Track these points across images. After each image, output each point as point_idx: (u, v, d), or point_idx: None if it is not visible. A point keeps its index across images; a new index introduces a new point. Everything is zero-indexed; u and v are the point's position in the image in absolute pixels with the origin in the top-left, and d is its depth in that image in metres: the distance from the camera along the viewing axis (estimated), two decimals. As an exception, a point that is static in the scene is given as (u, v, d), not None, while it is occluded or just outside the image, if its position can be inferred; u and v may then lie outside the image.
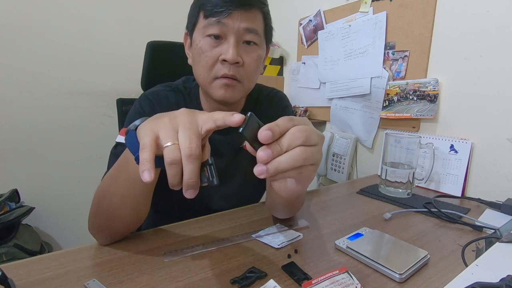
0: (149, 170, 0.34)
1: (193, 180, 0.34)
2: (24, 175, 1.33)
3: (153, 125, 0.37)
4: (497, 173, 0.84)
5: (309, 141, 0.34)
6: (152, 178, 0.33)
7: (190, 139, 0.34)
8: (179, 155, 0.33)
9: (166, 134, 0.35)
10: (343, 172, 1.25)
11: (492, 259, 0.38)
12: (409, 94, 1.02)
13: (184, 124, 0.36)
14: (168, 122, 0.36)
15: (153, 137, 0.35)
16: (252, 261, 0.49)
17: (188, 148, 0.34)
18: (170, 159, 0.33)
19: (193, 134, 0.35)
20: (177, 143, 0.34)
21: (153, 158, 0.34)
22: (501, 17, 0.81)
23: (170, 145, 0.34)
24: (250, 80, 0.62)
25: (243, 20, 0.56)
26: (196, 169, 0.34)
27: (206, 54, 0.57)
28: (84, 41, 1.39)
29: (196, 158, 0.34)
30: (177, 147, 0.34)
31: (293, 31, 1.50)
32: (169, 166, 0.34)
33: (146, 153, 0.34)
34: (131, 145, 0.43)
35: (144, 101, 0.66)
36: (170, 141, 0.34)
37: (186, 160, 0.33)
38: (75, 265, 0.47)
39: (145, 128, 0.37)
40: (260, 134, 0.32)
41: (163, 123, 0.36)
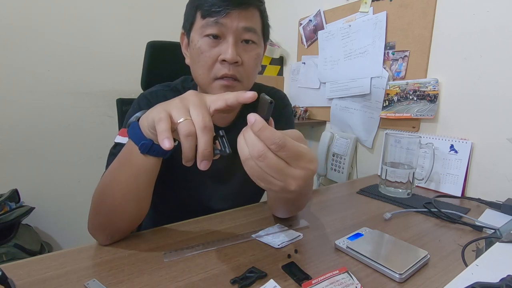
0: (169, 138, 0.37)
1: (208, 150, 0.37)
2: (24, 175, 1.33)
3: (164, 106, 0.40)
4: (497, 173, 0.84)
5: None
6: (172, 145, 0.36)
7: (203, 114, 0.38)
8: (193, 128, 0.37)
9: (178, 112, 0.38)
10: (343, 172, 1.25)
11: (492, 259, 0.38)
12: (409, 94, 1.02)
13: (195, 103, 0.39)
14: (179, 102, 0.40)
15: (167, 113, 0.38)
16: (252, 261, 0.49)
17: (202, 121, 0.37)
18: (186, 132, 0.36)
19: (204, 110, 0.38)
20: (189, 119, 0.37)
21: (170, 128, 0.37)
22: (501, 17, 0.81)
23: (183, 120, 0.37)
24: (249, 79, 0.62)
25: (241, 19, 0.56)
26: (210, 139, 0.37)
27: (205, 54, 0.57)
28: (84, 41, 1.39)
29: (210, 130, 0.37)
30: (190, 122, 0.37)
31: (293, 31, 1.50)
32: (185, 138, 0.36)
33: (163, 124, 0.37)
34: (134, 135, 0.45)
35: (143, 101, 0.66)
36: (183, 117, 0.37)
37: (201, 132, 0.36)
38: (75, 265, 0.47)
39: (158, 109, 0.40)
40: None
41: (174, 103, 0.40)
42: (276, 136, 0.34)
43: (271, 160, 0.34)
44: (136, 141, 0.45)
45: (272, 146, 0.34)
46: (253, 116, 0.35)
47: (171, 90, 0.69)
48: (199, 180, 0.68)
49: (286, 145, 0.34)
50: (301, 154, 0.35)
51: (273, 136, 0.34)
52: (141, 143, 0.44)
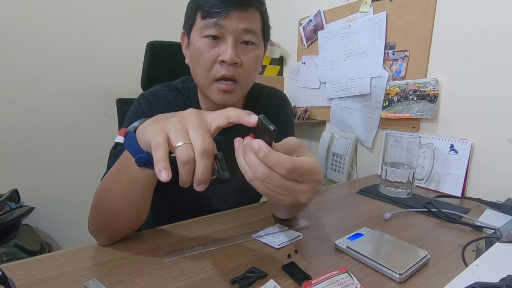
0: (166, 169, 0.34)
1: (206, 176, 0.35)
2: (24, 175, 1.33)
3: (162, 125, 0.37)
4: (497, 173, 0.84)
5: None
6: (170, 177, 0.34)
7: (203, 136, 0.35)
8: (192, 154, 0.34)
9: (176, 134, 0.35)
10: (343, 172, 1.25)
11: (492, 259, 0.38)
12: (409, 94, 1.02)
13: (194, 123, 0.36)
14: (178, 122, 0.37)
15: (165, 136, 0.36)
16: (252, 261, 0.49)
17: (201, 144, 0.34)
18: (184, 158, 0.34)
19: (204, 132, 0.36)
20: (188, 142, 0.35)
21: (167, 156, 0.35)
22: (501, 17, 0.81)
23: (182, 145, 0.34)
24: (248, 80, 0.62)
25: (241, 20, 0.55)
26: (209, 165, 0.35)
27: (204, 55, 0.57)
28: (84, 41, 1.39)
29: (210, 154, 0.35)
30: (189, 146, 0.34)
31: (293, 31, 1.50)
32: (183, 165, 0.34)
33: (161, 151, 0.35)
34: (130, 147, 0.43)
35: (143, 101, 0.66)
36: (182, 140, 0.35)
37: (200, 157, 0.34)
38: (75, 265, 0.47)
39: (155, 128, 0.37)
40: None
41: (172, 124, 0.37)
42: (284, 161, 0.32)
43: (277, 180, 0.33)
44: (133, 153, 0.43)
45: (281, 172, 0.33)
46: (256, 143, 0.33)
47: (171, 90, 0.69)
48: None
49: (295, 167, 0.33)
50: (309, 170, 0.35)
51: (281, 161, 0.32)
52: (138, 156, 0.42)
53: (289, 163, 0.32)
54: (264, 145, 0.33)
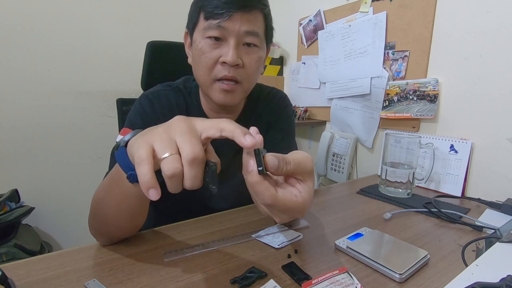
0: (154, 187, 0.31)
1: (196, 185, 0.32)
2: (24, 175, 1.33)
3: (146, 137, 0.34)
4: (497, 173, 0.84)
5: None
6: (159, 194, 0.31)
7: (191, 142, 0.32)
8: (179, 166, 0.31)
9: (162, 145, 0.32)
10: (343, 172, 1.25)
11: (492, 259, 0.38)
12: (409, 94, 1.02)
13: (182, 130, 0.33)
14: (163, 131, 0.33)
15: (149, 148, 0.32)
16: (252, 261, 0.49)
17: (190, 151, 0.31)
18: (170, 172, 0.30)
19: (193, 137, 0.32)
20: (175, 153, 0.31)
21: (153, 172, 0.31)
22: (501, 17, 0.81)
23: (168, 156, 0.31)
24: (250, 81, 0.62)
25: (243, 22, 0.55)
26: (199, 174, 0.32)
27: (206, 55, 0.57)
28: (84, 41, 1.39)
29: (200, 162, 0.32)
30: (176, 158, 0.31)
31: (293, 31, 1.50)
32: (169, 179, 0.31)
33: (145, 167, 0.31)
34: (121, 162, 0.40)
35: (144, 101, 0.66)
36: (168, 151, 0.31)
37: (189, 166, 0.31)
38: (75, 265, 0.47)
39: (138, 140, 0.34)
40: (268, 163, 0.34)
41: (157, 133, 0.34)
42: (265, 196, 0.34)
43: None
44: (124, 169, 0.40)
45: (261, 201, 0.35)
46: (252, 166, 0.34)
47: (172, 90, 0.69)
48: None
49: (275, 204, 0.35)
50: (290, 209, 0.36)
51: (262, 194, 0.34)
52: (129, 174, 0.39)
53: (270, 200, 0.34)
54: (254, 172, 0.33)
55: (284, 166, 0.35)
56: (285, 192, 0.36)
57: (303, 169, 0.37)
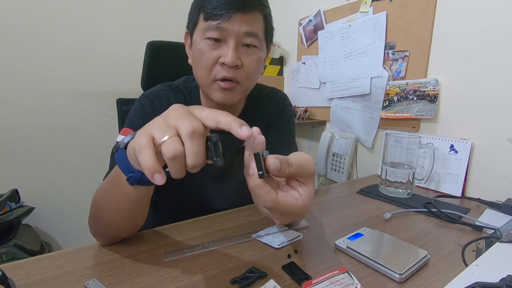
0: (159, 171, 0.31)
1: (199, 162, 0.32)
2: (24, 175, 1.33)
3: (145, 128, 0.35)
4: (497, 173, 0.84)
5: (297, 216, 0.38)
6: (165, 179, 0.31)
7: (189, 119, 0.32)
8: (179, 147, 0.31)
9: (160, 131, 0.32)
10: (343, 172, 1.25)
11: (492, 259, 0.38)
12: (409, 94, 1.02)
13: (179, 113, 0.33)
14: (161, 120, 0.34)
15: (148, 136, 0.32)
16: (252, 261, 0.49)
17: (189, 124, 0.31)
18: (171, 153, 0.30)
19: (191, 116, 0.33)
20: (174, 135, 0.31)
21: (155, 157, 0.31)
22: (501, 17, 0.81)
23: (167, 139, 0.31)
24: (249, 82, 0.62)
25: (243, 23, 0.55)
26: (201, 147, 0.32)
27: (205, 56, 0.57)
28: (84, 41, 1.39)
29: (200, 135, 0.31)
30: (176, 139, 0.31)
31: (293, 31, 1.50)
32: (171, 161, 0.31)
33: (146, 152, 0.31)
34: (121, 164, 0.40)
35: (145, 101, 0.66)
36: (167, 134, 0.31)
37: (190, 139, 0.31)
38: (75, 265, 0.47)
39: (138, 134, 0.35)
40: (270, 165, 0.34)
41: (155, 122, 0.34)
42: (266, 199, 0.34)
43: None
44: (124, 171, 0.40)
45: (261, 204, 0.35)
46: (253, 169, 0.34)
47: (173, 90, 0.69)
48: (199, 180, 0.68)
49: (275, 208, 0.35)
50: (291, 212, 0.36)
51: (263, 198, 0.34)
52: (129, 176, 0.39)
53: (270, 203, 0.34)
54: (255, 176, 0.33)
55: (287, 168, 0.35)
56: (286, 196, 0.36)
57: (305, 172, 0.37)
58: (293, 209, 0.36)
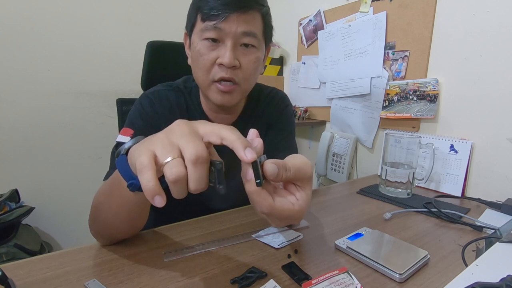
0: (159, 193, 0.30)
1: (201, 187, 0.31)
2: (24, 175, 1.33)
3: (147, 143, 0.34)
4: (497, 173, 0.84)
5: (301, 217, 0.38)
6: (165, 201, 0.31)
7: (194, 142, 0.31)
8: (183, 170, 0.30)
9: (163, 150, 0.31)
10: (343, 172, 1.25)
11: (492, 259, 0.38)
12: (409, 94, 1.02)
13: (183, 132, 0.32)
14: (164, 136, 0.33)
15: (150, 154, 0.31)
16: (252, 261, 0.49)
17: (193, 151, 0.30)
18: (174, 176, 0.30)
19: (196, 138, 0.32)
20: (177, 157, 0.31)
21: (156, 178, 0.31)
22: (501, 17, 0.81)
23: (170, 160, 0.30)
24: (248, 82, 0.62)
25: (240, 23, 0.55)
26: (204, 174, 0.31)
27: (203, 57, 0.57)
28: (84, 41, 1.39)
29: (203, 162, 0.31)
30: (179, 161, 0.30)
31: (293, 31, 1.50)
32: (173, 184, 0.30)
33: (147, 173, 0.30)
34: (122, 170, 0.40)
35: (145, 101, 0.66)
36: (170, 155, 0.31)
37: (193, 166, 0.30)
38: (75, 265, 0.47)
39: (139, 148, 0.34)
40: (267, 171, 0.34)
41: (158, 139, 0.33)
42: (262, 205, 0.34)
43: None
44: (125, 178, 0.39)
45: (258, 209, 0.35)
46: (250, 175, 0.33)
47: (173, 90, 0.69)
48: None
49: (271, 213, 0.35)
50: (287, 217, 0.36)
51: (260, 204, 0.34)
52: (130, 183, 0.38)
53: (267, 209, 0.34)
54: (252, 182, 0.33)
55: (284, 173, 0.35)
56: (283, 201, 0.36)
57: (303, 176, 0.37)
58: (289, 214, 0.36)
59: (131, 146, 0.38)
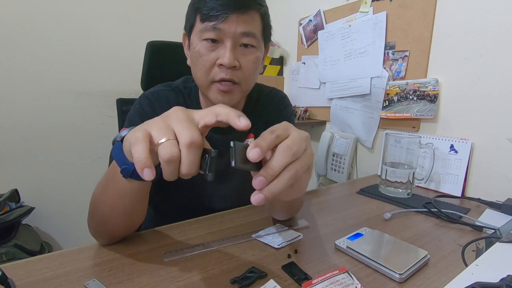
0: (149, 166, 0.31)
1: (192, 172, 0.32)
2: (24, 175, 1.33)
3: (144, 125, 0.35)
4: (497, 173, 0.84)
5: (298, 154, 0.33)
6: (154, 175, 0.31)
7: (189, 128, 0.32)
8: (176, 151, 0.31)
9: (159, 131, 0.32)
10: (343, 172, 1.25)
11: (492, 259, 0.38)
12: (409, 94, 1.02)
13: (179, 118, 0.33)
14: (161, 120, 0.34)
15: (145, 132, 0.33)
16: (252, 261, 0.49)
17: (188, 135, 0.31)
18: (167, 156, 0.31)
19: (191, 125, 0.33)
20: (172, 139, 0.32)
21: (147, 152, 0.32)
22: (501, 17, 0.81)
23: (165, 141, 0.31)
24: (248, 82, 0.62)
25: (239, 23, 0.55)
26: (197, 159, 0.32)
27: (203, 58, 0.57)
28: (84, 41, 1.39)
29: (198, 147, 0.32)
30: (173, 142, 0.31)
31: (293, 31, 1.50)
32: (166, 164, 0.31)
33: (140, 145, 0.31)
34: (117, 156, 0.41)
35: (144, 101, 0.66)
36: (165, 137, 0.32)
37: (187, 150, 0.31)
38: (75, 265, 0.47)
39: (135, 129, 0.35)
40: (249, 153, 0.30)
41: (155, 122, 0.34)
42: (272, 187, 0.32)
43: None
44: (119, 164, 0.41)
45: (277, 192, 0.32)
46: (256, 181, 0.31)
47: (172, 90, 0.69)
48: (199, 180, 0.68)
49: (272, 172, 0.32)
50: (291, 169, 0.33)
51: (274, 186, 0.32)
52: (123, 168, 0.40)
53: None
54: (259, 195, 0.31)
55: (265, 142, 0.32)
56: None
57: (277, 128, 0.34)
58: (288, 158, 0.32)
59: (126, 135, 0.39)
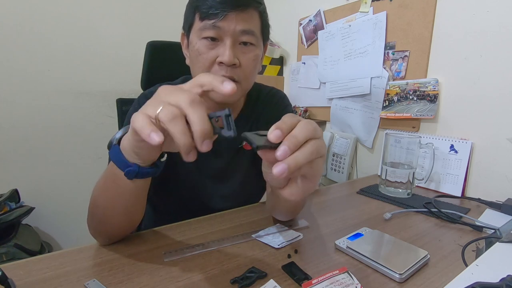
0: (154, 130, 0.31)
1: (206, 127, 0.31)
2: (24, 175, 1.33)
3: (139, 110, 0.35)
4: (497, 173, 0.84)
5: (317, 134, 0.33)
6: (162, 138, 0.31)
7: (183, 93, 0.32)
8: (176, 110, 0.31)
9: (154, 107, 0.32)
10: (343, 172, 1.25)
11: (492, 259, 0.38)
12: (409, 94, 1.02)
13: (169, 91, 0.34)
14: (153, 99, 0.34)
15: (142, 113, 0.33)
16: (252, 261, 0.49)
17: (187, 97, 0.31)
18: (168, 115, 0.30)
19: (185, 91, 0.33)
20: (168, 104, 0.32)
21: (150, 121, 0.32)
22: (501, 17, 0.81)
23: (162, 108, 0.31)
24: (248, 80, 0.62)
25: (239, 21, 0.55)
26: (203, 113, 0.31)
27: (202, 56, 0.57)
28: (84, 41, 1.39)
29: (199, 102, 0.32)
30: (170, 105, 0.31)
31: (293, 31, 1.50)
32: (171, 123, 0.30)
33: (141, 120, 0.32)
34: (116, 160, 0.41)
35: (143, 100, 0.66)
36: (161, 106, 0.32)
37: (190, 107, 0.31)
38: (75, 265, 0.47)
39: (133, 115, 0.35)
40: (270, 134, 0.30)
41: (148, 103, 0.35)
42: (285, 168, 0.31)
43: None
44: (120, 167, 0.41)
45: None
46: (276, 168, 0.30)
47: None
48: (199, 180, 0.68)
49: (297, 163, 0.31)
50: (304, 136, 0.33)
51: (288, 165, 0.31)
52: (127, 170, 0.40)
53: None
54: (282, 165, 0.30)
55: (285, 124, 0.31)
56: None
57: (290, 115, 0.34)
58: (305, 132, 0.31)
59: (122, 136, 0.39)
